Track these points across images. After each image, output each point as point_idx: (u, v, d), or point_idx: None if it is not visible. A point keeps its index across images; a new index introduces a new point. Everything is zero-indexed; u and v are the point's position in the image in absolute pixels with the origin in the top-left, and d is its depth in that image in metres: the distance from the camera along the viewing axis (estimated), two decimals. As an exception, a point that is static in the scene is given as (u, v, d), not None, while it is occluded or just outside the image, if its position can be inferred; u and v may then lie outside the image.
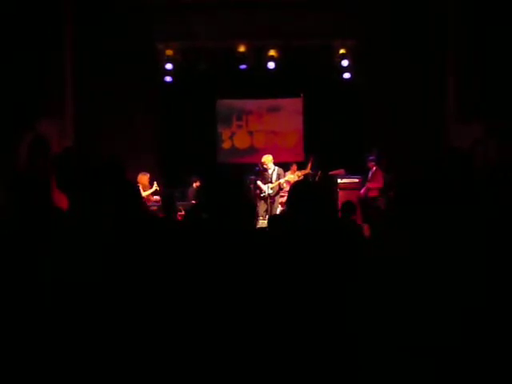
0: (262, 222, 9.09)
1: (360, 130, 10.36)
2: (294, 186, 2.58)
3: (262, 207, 9.16)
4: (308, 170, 9.47)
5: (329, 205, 2.68)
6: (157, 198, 8.70)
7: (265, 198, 9.09)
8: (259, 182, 9.27)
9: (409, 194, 2.17)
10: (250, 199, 8.36)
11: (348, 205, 6.02)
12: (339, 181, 8.95)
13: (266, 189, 9.09)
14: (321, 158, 9.88)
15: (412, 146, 8.94)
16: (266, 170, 9.16)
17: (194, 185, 9.52)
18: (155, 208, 8.19)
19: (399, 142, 9.24)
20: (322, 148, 10.49)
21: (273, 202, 9.09)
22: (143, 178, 8.64)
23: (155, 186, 8.78)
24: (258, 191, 9.30)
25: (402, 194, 2.24)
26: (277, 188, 9.19)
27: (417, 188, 2.18)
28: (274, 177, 9.15)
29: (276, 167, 9.20)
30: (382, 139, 9.41)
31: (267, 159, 9.18)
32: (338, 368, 1.68)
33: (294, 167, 9.92)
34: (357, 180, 8.96)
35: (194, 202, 9.00)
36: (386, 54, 9.53)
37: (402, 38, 9.33)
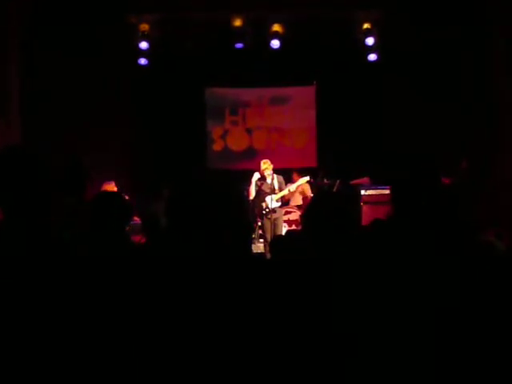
0: (258, 246, 9.27)
1: (388, 125, 10.41)
2: (315, 201, 2.78)
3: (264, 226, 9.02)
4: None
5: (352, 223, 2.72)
6: None
7: (268, 214, 8.90)
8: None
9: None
10: (243, 214, 8.33)
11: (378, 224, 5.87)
12: (363, 192, 8.94)
13: (269, 202, 8.91)
14: (338, 163, 10.00)
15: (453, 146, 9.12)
16: (264, 178, 9.02)
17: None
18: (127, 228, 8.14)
19: (437, 138, 9.36)
20: (339, 149, 10.46)
21: (277, 219, 8.95)
22: (107, 188, 8.53)
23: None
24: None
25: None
26: (280, 199, 9.09)
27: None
28: (276, 185, 9.02)
29: (275, 175, 9.06)
30: (416, 134, 9.55)
31: (265, 165, 9.02)
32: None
33: (296, 176, 9.85)
34: (385, 191, 8.27)
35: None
36: (420, 28, 9.52)
37: (444, 6, 9.36)
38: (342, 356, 1.95)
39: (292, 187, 9.20)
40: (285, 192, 9.03)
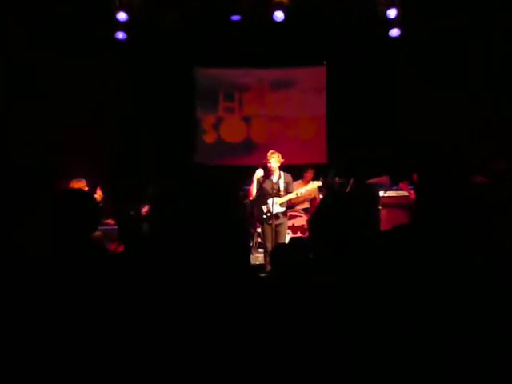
0: (257, 257, 9.23)
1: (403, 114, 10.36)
2: (325, 203, 2.85)
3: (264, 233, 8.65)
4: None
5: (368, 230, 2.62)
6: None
7: (268, 219, 8.34)
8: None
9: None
10: (240, 217, 8.04)
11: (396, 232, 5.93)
12: (381, 194, 8.94)
13: (271, 205, 8.34)
14: (352, 158, 9.92)
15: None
16: (268, 175, 8.47)
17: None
18: (99, 233, 7.65)
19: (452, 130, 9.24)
20: (354, 142, 10.35)
21: (279, 226, 8.42)
22: (75, 186, 8.10)
23: (98, 194, 8.71)
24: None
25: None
26: (285, 204, 8.53)
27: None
28: (282, 186, 8.42)
29: (282, 173, 8.52)
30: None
31: (272, 157, 8.44)
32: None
33: (310, 174, 9.81)
34: (407, 193, 8.63)
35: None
36: (428, 17, 9.46)
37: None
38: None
39: (300, 191, 8.55)
40: (292, 196, 8.42)
